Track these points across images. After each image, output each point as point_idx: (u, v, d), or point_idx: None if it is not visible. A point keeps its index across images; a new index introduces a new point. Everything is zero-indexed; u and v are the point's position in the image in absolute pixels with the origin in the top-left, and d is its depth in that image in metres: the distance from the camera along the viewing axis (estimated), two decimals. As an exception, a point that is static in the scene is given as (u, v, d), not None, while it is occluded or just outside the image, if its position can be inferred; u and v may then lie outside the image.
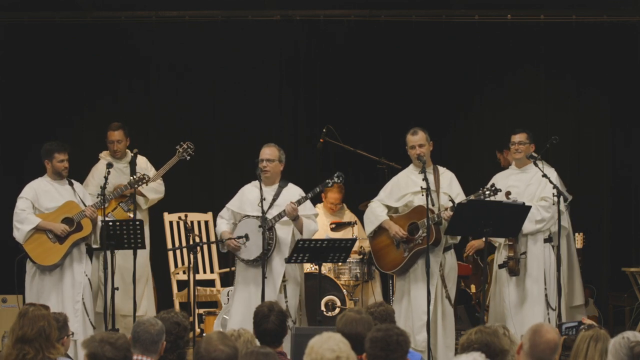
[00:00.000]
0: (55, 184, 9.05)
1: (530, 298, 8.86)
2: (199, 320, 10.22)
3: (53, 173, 9.05)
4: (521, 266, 8.82)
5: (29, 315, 5.76)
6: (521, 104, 12.06)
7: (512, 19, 11.96)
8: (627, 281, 11.16)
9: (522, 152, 9.12)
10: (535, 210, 8.81)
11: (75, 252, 8.91)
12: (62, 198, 8.99)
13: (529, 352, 5.10)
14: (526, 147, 9.12)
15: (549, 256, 8.89)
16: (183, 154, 9.84)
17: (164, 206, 11.00)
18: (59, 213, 8.92)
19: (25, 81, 11.83)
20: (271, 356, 4.88)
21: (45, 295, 8.80)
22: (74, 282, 8.86)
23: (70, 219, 8.90)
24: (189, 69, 11.99)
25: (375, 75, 12.01)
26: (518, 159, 9.16)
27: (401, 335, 5.05)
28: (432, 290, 8.58)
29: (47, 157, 9.05)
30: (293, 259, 8.69)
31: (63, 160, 9.03)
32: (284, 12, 11.98)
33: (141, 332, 5.30)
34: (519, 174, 9.09)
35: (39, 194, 8.99)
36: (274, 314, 6.10)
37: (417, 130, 8.93)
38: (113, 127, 10.01)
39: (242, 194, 9.06)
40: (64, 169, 9.05)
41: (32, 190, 9.02)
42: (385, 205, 9.02)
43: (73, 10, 11.85)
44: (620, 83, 12.00)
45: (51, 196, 8.99)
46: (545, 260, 8.88)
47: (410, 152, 8.93)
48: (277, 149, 8.99)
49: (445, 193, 8.87)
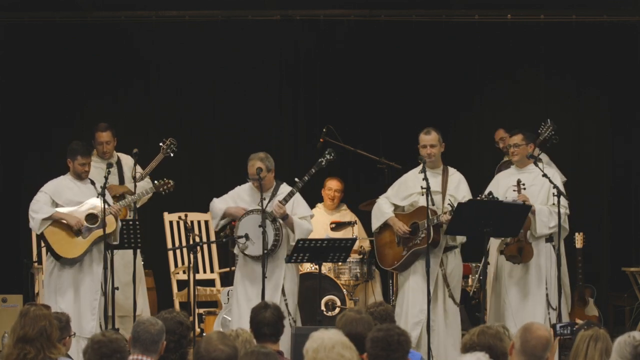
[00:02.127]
0: (77, 182, 9.02)
1: (532, 298, 8.86)
2: (199, 320, 10.22)
3: (74, 173, 9.03)
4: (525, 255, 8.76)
5: (30, 315, 5.76)
6: (521, 104, 12.05)
7: (512, 19, 11.96)
8: (627, 281, 11.17)
9: (519, 154, 9.08)
10: (550, 215, 8.80)
11: (96, 251, 8.89)
12: (83, 195, 8.97)
13: (521, 350, 5.11)
14: (522, 148, 9.08)
15: (550, 256, 8.90)
16: (167, 150, 9.74)
17: (164, 206, 11.01)
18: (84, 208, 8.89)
19: (25, 81, 11.83)
20: (271, 356, 4.88)
21: (62, 290, 8.79)
22: (92, 281, 8.83)
23: (94, 214, 8.88)
24: (189, 69, 11.99)
25: (375, 75, 12.01)
26: (517, 160, 9.15)
27: (402, 335, 5.06)
28: (431, 290, 8.61)
29: (71, 157, 8.99)
30: (293, 258, 8.69)
31: (84, 164, 8.99)
32: (284, 12, 11.98)
33: (141, 331, 5.30)
34: (521, 174, 9.08)
35: (60, 189, 8.94)
36: (270, 309, 6.10)
37: (430, 130, 8.99)
38: (101, 127, 9.80)
39: (237, 195, 9.05)
40: (84, 172, 9.01)
41: (52, 185, 8.97)
42: (392, 203, 9.07)
43: (73, 10, 11.85)
44: (620, 83, 12.00)
45: (73, 192, 8.95)
46: (547, 260, 8.88)
47: (421, 150, 8.98)
48: (260, 161, 8.83)
49: (452, 195, 8.88)
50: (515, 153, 9.11)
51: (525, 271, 8.88)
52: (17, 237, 11.19)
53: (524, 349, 5.10)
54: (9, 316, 9.89)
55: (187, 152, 11.72)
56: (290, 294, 8.83)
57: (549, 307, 8.79)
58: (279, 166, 9.14)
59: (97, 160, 9.71)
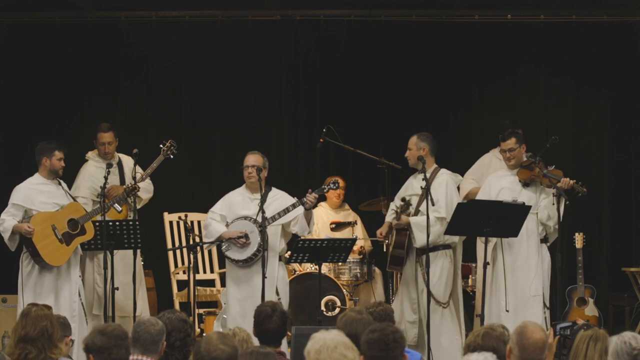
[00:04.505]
0: (48, 183, 8.95)
1: (528, 299, 8.87)
2: (199, 320, 10.22)
3: (49, 171, 8.93)
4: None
5: (32, 315, 5.77)
6: (521, 104, 12.06)
7: (512, 19, 11.96)
8: (627, 281, 11.17)
9: (515, 158, 9.05)
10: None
11: (72, 256, 8.86)
12: (55, 196, 8.90)
13: (519, 355, 5.09)
14: (517, 151, 9.05)
15: (545, 256, 8.96)
16: (167, 152, 9.73)
17: (164, 206, 11.01)
18: (66, 213, 8.83)
19: (25, 81, 11.83)
20: (271, 356, 4.88)
21: (43, 295, 8.73)
22: (70, 284, 8.82)
23: (75, 221, 8.86)
24: (189, 69, 11.99)
25: (375, 75, 12.01)
26: (513, 165, 9.10)
27: (396, 333, 5.06)
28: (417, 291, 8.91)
29: (47, 155, 8.93)
30: (293, 258, 8.72)
31: (61, 158, 8.95)
32: (284, 12, 11.97)
33: (141, 331, 5.31)
34: (514, 176, 9.07)
35: (33, 194, 8.87)
36: (276, 315, 6.11)
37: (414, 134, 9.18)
38: (104, 128, 9.73)
39: (229, 199, 9.15)
40: (61, 167, 8.98)
41: (21, 193, 8.88)
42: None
43: (73, 10, 11.85)
44: (621, 83, 12.00)
45: (45, 195, 8.89)
46: (542, 261, 8.91)
47: None
48: (261, 156, 9.04)
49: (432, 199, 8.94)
50: (510, 157, 9.04)
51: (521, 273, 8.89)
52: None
53: (522, 355, 5.08)
54: (9, 316, 9.88)
55: (187, 152, 11.73)
56: (283, 294, 8.91)
57: (544, 306, 8.85)
58: (279, 166, 9.19)
59: (99, 160, 9.70)
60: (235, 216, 8.99)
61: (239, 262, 8.91)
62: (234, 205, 9.05)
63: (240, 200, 9.05)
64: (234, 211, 9.03)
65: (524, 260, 8.92)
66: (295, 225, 8.94)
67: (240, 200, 9.05)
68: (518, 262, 8.93)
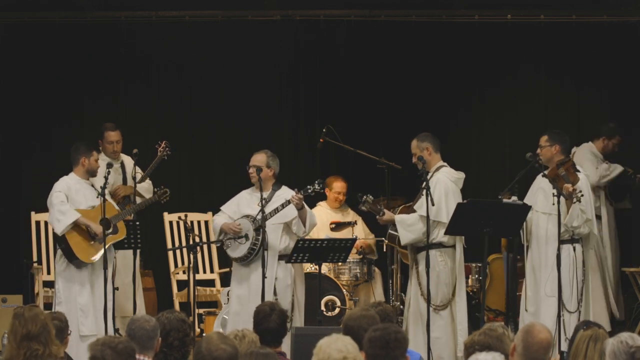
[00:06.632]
0: (83, 182, 9.00)
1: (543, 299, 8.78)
2: (199, 320, 10.23)
3: (86, 171, 8.99)
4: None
5: (27, 314, 5.79)
6: (521, 104, 12.06)
7: (512, 19, 11.96)
8: (627, 281, 11.16)
9: (543, 156, 8.91)
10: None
11: (108, 254, 8.90)
12: (86, 198, 8.95)
13: (523, 353, 5.09)
14: (546, 149, 8.92)
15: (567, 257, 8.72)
16: (164, 153, 9.75)
17: (164, 206, 11.00)
18: (97, 213, 8.87)
19: (25, 81, 11.82)
20: (271, 357, 4.89)
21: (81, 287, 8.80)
22: (105, 283, 8.82)
23: (107, 220, 8.87)
24: (189, 69, 11.99)
25: (375, 76, 12.01)
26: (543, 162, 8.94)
27: (399, 333, 5.08)
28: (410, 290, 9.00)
29: (86, 155, 8.97)
30: (293, 259, 8.73)
31: (97, 159, 9.02)
32: (284, 12, 11.97)
33: (137, 328, 5.33)
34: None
35: (71, 191, 8.92)
36: (275, 314, 6.12)
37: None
38: (111, 127, 9.80)
39: (239, 198, 9.22)
40: (98, 168, 9.02)
41: (65, 184, 8.93)
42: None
43: (73, 10, 11.84)
44: (621, 83, 12.00)
45: (80, 194, 8.95)
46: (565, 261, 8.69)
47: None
48: (265, 156, 9.02)
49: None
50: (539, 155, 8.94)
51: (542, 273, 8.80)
52: (17, 237, 11.19)
53: (526, 353, 5.08)
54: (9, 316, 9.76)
55: (187, 152, 11.73)
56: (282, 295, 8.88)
57: (564, 308, 8.61)
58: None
59: (105, 159, 9.73)
60: (240, 215, 9.03)
61: (237, 260, 8.98)
62: (241, 204, 9.13)
63: (248, 199, 9.11)
64: (240, 210, 9.09)
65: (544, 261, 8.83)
66: (294, 225, 8.96)
67: (248, 199, 9.13)
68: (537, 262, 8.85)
